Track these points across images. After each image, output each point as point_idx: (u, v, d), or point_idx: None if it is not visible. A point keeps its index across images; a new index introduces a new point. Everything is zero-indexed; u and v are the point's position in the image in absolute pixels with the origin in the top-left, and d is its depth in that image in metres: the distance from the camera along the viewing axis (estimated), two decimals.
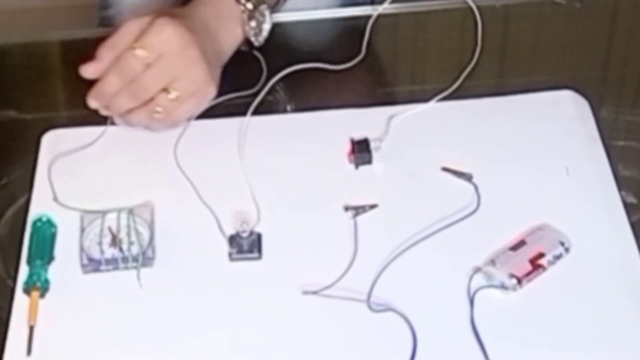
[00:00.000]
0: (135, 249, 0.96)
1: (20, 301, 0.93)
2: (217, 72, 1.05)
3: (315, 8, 1.22)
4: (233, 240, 0.96)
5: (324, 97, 1.11)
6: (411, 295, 0.92)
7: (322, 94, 1.11)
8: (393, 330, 0.90)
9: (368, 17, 1.13)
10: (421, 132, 1.02)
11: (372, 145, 1.03)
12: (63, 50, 1.21)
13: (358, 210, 0.98)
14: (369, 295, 0.91)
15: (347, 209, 0.99)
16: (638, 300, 0.91)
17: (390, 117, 1.07)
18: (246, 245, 0.96)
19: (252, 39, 1.09)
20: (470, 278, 0.92)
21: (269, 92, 1.05)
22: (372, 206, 0.99)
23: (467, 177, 0.98)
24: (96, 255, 0.95)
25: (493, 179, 1.01)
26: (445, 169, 1.00)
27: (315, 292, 0.92)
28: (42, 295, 0.93)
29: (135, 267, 0.95)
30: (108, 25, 1.30)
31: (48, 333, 0.91)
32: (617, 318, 0.90)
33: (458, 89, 1.09)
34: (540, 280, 0.92)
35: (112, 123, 1.06)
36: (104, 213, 0.98)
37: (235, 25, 1.08)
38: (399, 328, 0.90)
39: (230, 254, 0.96)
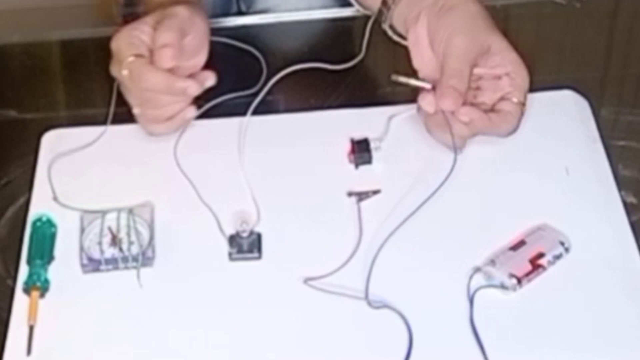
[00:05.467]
0: (135, 249, 0.96)
1: (20, 301, 0.93)
2: None
3: (312, 8, 1.22)
4: (233, 240, 0.96)
5: (324, 97, 1.11)
6: (411, 295, 0.92)
7: (322, 94, 1.11)
8: (391, 330, 0.90)
9: (368, 17, 1.13)
10: (421, 132, 1.02)
11: (372, 145, 1.03)
12: (63, 50, 1.21)
13: (361, 195, 0.98)
14: (366, 292, 0.91)
15: (350, 194, 0.99)
16: (638, 300, 0.91)
17: (390, 117, 1.07)
18: (246, 245, 0.96)
19: None
20: (470, 278, 0.92)
21: (269, 92, 1.05)
22: (375, 192, 0.99)
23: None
24: (96, 255, 0.95)
25: (493, 178, 1.01)
26: None
27: (315, 279, 0.92)
28: (42, 295, 0.93)
29: (135, 267, 0.95)
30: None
31: (48, 333, 0.91)
32: (617, 318, 0.90)
33: None
34: (540, 280, 0.92)
35: (112, 123, 1.06)
36: (104, 213, 0.98)
37: None
38: (398, 327, 0.90)
39: (230, 254, 0.96)
